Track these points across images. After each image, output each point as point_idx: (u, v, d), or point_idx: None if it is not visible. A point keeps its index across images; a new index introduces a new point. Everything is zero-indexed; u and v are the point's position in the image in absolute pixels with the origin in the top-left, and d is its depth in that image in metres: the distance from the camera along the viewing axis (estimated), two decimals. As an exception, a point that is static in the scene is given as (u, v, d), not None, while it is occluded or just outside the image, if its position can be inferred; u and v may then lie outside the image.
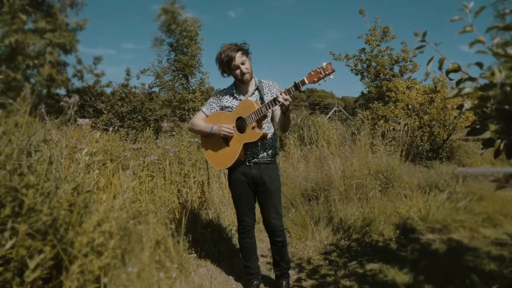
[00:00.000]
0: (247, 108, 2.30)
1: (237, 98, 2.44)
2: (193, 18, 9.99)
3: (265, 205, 2.43)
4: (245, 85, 2.42)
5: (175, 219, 3.39)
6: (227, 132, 2.33)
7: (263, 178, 2.37)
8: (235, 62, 2.29)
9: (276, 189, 2.43)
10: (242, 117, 2.32)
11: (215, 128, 2.39)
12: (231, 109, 2.42)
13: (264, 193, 2.41)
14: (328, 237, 3.43)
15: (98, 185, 3.08)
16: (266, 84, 2.47)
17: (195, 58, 10.05)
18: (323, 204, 3.82)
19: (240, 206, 2.51)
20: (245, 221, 2.52)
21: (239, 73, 2.32)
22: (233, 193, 2.53)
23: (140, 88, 9.32)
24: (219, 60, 2.35)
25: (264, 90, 2.42)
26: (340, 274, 2.73)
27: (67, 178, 2.09)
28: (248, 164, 2.39)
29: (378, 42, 8.87)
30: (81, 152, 2.38)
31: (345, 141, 5.74)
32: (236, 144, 2.36)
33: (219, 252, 3.22)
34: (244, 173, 2.41)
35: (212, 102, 2.55)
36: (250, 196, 2.47)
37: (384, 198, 3.92)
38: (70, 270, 1.87)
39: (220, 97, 2.51)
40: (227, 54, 2.29)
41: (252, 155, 2.39)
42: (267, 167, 2.40)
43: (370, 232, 3.39)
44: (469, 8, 1.34)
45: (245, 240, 2.57)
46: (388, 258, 2.94)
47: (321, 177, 4.15)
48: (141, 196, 3.16)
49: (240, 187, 2.44)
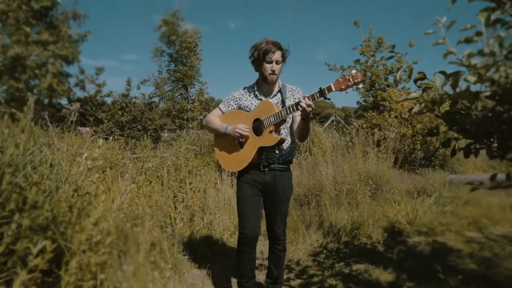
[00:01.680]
0: (266, 109, 2.18)
1: (258, 98, 2.32)
2: (193, 29, 10.27)
3: (272, 213, 2.31)
4: (268, 85, 2.29)
5: (171, 223, 3.52)
6: (242, 134, 2.21)
7: (276, 186, 2.25)
8: (273, 56, 2.17)
9: (286, 198, 2.32)
10: (259, 119, 2.20)
11: (229, 129, 2.26)
12: (249, 109, 2.30)
13: (274, 200, 2.28)
14: (318, 240, 3.54)
15: (97, 191, 3.21)
16: (290, 88, 2.35)
17: (194, 69, 10.28)
18: (315, 208, 3.94)
19: (245, 212, 2.29)
20: (248, 228, 2.26)
21: (270, 69, 2.19)
22: (240, 197, 2.31)
23: (140, 98, 9.52)
24: (257, 48, 2.21)
25: (286, 94, 2.30)
26: (327, 274, 2.84)
27: (68, 180, 2.24)
28: (263, 169, 2.26)
29: (373, 52, 9.08)
30: (81, 156, 2.53)
31: (339, 149, 5.87)
32: (250, 147, 2.24)
33: (212, 254, 3.34)
34: (256, 178, 2.27)
35: (230, 99, 2.40)
36: (259, 203, 2.31)
37: (374, 203, 4.05)
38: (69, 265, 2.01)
39: (239, 95, 2.37)
40: (269, 45, 2.17)
41: (267, 160, 2.26)
42: (282, 174, 2.28)
43: (359, 235, 3.51)
44: (442, 23, 1.50)
45: (245, 253, 2.30)
46: (374, 259, 3.06)
47: (313, 183, 4.28)
48: (138, 200, 3.30)
49: (249, 192, 2.28)
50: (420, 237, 3.45)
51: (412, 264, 2.89)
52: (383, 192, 4.21)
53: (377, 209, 3.91)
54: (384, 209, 3.95)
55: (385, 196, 4.16)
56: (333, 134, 8.01)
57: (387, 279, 2.67)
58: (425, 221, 3.65)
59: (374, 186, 4.22)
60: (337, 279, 2.72)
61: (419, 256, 3.07)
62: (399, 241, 3.42)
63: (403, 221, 3.68)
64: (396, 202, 4.05)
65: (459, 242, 3.27)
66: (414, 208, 3.87)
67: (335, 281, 2.70)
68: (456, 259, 2.88)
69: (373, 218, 3.69)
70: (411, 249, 3.21)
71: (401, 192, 4.28)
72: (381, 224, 3.68)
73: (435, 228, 3.55)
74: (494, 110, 1.44)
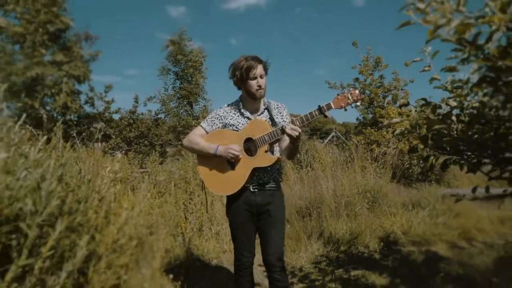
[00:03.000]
0: (259, 128, 2.08)
1: (244, 116, 2.20)
2: (198, 49, 10.72)
3: (265, 237, 2.14)
4: (254, 102, 2.20)
5: (182, 232, 3.78)
6: (236, 154, 2.08)
7: (267, 206, 2.13)
8: (256, 71, 2.09)
9: (280, 220, 2.15)
10: (252, 138, 2.10)
11: (221, 150, 2.11)
12: (235, 128, 2.18)
13: (266, 223, 2.13)
14: (319, 249, 3.79)
15: (117, 201, 3.49)
16: (275, 105, 2.27)
17: (199, 86, 10.69)
18: (316, 220, 4.20)
19: (239, 238, 2.19)
20: (243, 256, 2.18)
21: (255, 84, 2.10)
22: (232, 223, 2.22)
23: (147, 115, 9.87)
24: (237, 66, 2.13)
25: (273, 111, 2.22)
26: (327, 279, 3.09)
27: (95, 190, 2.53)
28: (253, 190, 2.13)
29: (371, 71, 9.44)
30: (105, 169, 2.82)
31: (338, 164, 6.14)
32: (243, 168, 2.10)
33: (220, 261, 3.59)
34: (247, 200, 2.14)
35: (214, 117, 2.26)
36: (251, 226, 2.19)
37: (371, 214, 4.30)
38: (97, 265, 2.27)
39: (224, 114, 2.24)
40: (249, 62, 2.09)
41: (257, 180, 2.14)
42: (273, 194, 2.16)
43: (357, 244, 3.76)
44: (427, 52, 1.79)
45: (242, 279, 2.22)
46: (371, 266, 3.30)
47: (314, 196, 4.55)
48: (152, 210, 3.56)
49: (242, 216, 2.16)
50: (414, 247, 3.69)
51: (406, 270, 3.13)
52: (380, 204, 4.47)
53: (374, 220, 4.16)
54: (380, 221, 4.20)
55: (382, 208, 4.41)
56: (333, 149, 8.30)
57: (382, 283, 2.91)
58: (419, 231, 3.90)
59: (371, 199, 4.48)
60: (336, 283, 2.97)
61: (412, 263, 3.31)
62: (394, 250, 3.66)
63: (398, 231, 3.93)
64: (392, 214, 4.31)
65: (449, 251, 3.51)
66: (409, 219, 4.12)
67: (334, 285, 2.95)
68: (446, 266, 3.12)
69: (370, 229, 3.95)
70: (405, 257, 3.46)
71: (397, 204, 4.53)
72: (378, 234, 3.93)
73: (428, 238, 3.79)
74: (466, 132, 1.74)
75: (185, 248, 3.57)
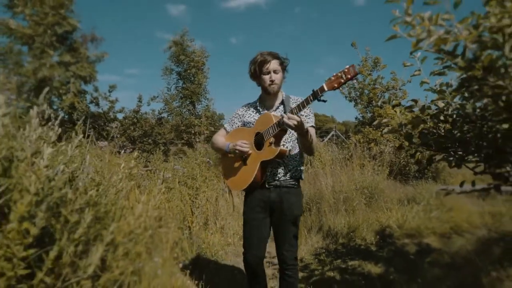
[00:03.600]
0: (265, 122, 2.08)
1: (260, 112, 2.23)
2: (201, 49, 10.93)
3: (279, 235, 2.15)
4: (270, 98, 2.22)
5: (189, 226, 4.00)
6: (241, 150, 2.10)
7: (282, 204, 2.11)
8: (269, 66, 2.11)
9: (294, 217, 2.14)
10: (260, 133, 2.10)
11: (230, 147, 2.18)
12: (252, 125, 2.20)
13: (280, 221, 2.13)
14: (319, 242, 4.01)
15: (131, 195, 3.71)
16: (294, 99, 2.23)
17: (201, 86, 10.90)
18: (315, 214, 4.42)
19: (249, 235, 2.18)
20: (250, 254, 2.15)
21: (268, 79, 2.13)
22: (245, 220, 2.21)
23: (151, 114, 10.08)
24: (253, 61, 2.17)
25: (291, 106, 2.19)
26: (326, 268, 3.30)
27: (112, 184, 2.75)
28: (268, 186, 2.13)
29: (370, 71, 9.65)
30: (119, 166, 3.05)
31: (337, 162, 6.36)
32: (253, 163, 2.11)
33: (225, 253, 3.81)
34: (261, 197, 2.14)
35: (234, 117, 2.33)
36: (264, 225, 2.17)
37: (368, 209, 4.52)
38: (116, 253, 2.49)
39: (243, 112, 2.31)
40: (263, 56, 2.12)
41: (272, 177, 2.13)
42: (289, 191, 2.13)
43: (354, 237, 3.97)
44: (417, 57, 1.99)
45: (250, 275, 2.20)
46: (367, 257, 3.52)
47: (314, 192, 4.77)
48: (161, 205, 3.78)
49: (254, 213, 2.16)
50: (408, 239, 3.91)
51: (399, 260, 3.35)
52: (377, 200, 4.68)
53: (371, 215, 4.37)
54: (377, 215, 4.42)
55: (378, 203, 4.63)
56: (332, 148, 8.51)
57: (377, 272, 3.13)
58: (413, 225, 4.12)
59: (369, 194, 4.70)
60: (334, 272, 3.18)
61: (405, 254, 3.53)
62: (389, 242, 3.88)
63: (393, 225, 4.15)
64: (388, 209, 4.52)
65: (441, 243, 3.73)
66: (404, 214, 4.34)
67: (333, 273, 3.16)
68: (437, 256, 3.34)
69: (367, 223, 4.16)
70: (399, 249, 3.67)
71: (393, 200, 4.75)
72: (374, 228, 4.15)
73: (421, 231, 4.01)
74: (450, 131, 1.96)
75: (192, 241, 3.79)
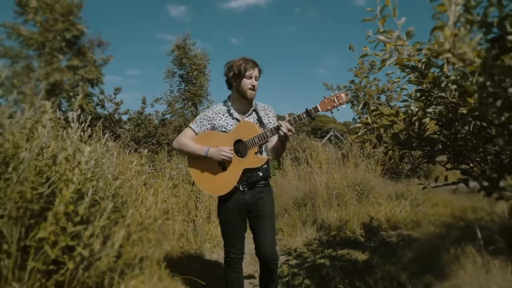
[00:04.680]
0: (248, 130, 2.15)
1: (233, 117, 2.27)
2: (202, 53, 11.30)
3: (257, 232, 2.25)
4: (244, 103, 2.27)
5: (193, 219, 4.35)
6: (228, 156, 2.16)
7: (256, 203, 2.23)
8: (253, 72, 2.19)
9: (269, 214, 2.26)
10: (241, 140, 2.17)
11: (212, 152, 2.19)
12: (225, 129, 2.25)
13: (257, 218, 2.24)
14: (312, 234, 4.36)
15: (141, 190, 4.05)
16: (262, 106, 2.36)
17: (203, 88, 11.27)
18: (310, 209, 4.77)
19: (229, 235, 2.30)
20: (232, 252, 2.28)
21: (250, 84, 2.19)
22: (222, 221, 2.31)
23: (154, 115, 10.44)
24: (235, 64, 2.20)
25: (261, 113, 2.31)
26: (317, 256, 3.65)
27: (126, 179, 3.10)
28: (242, 189, 2.22)
29: (366, 74, 10.00)
30: (131, 163, 3.41)
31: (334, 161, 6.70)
32: (234, 170, 2.18)
33: (227, 244, 4.16)
34: (237, 200, 2.23)
35: (203, 119, 2.32)
36: (241, 224, 2.28)
37: (359, 204, 4.86)
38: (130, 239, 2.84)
39: (213, 115, 2.31)
40: (248, 62, 2.19)
41: (246, 180, 2.22)
42: (262, 190, 2.26)
43: (345, 229, 4.32)
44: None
45: (231, 274, 2.30)
46: (356, 246, 3.87)
47: (309, 189, 5.11)
48: (168, 199, 4.13)
49: (231, 215, 2.26)
50: (394, 231, 4.25)
51: (384, 249, 3.69)
52: (368, 196, 5.03)
53: (361, 209, 4.72)
54: (367, 210, 4.76)
55: (369, 199, 4.97)
56: (329, 148, 8.86)
57: (363, 258, 3.48)
58: (400, 218, 4.45)
59: (360, 191, 5.04)
60: (325, 259, 3.53)
61: (390, 244, 3.87)
62: (376, 233, 4.23)
63: (382, 218, 4.49)
64: (377, 204, 4.87)
65: (423, 234, 4.07)
66: (392, 208, 4.68)
67: (323, 260, 3.51)
68: (418, 245, 3.68)
69: (357, 217, 4.51)
70: (385, 239, 4.02)
71: (382, 196, 5.09)
72: (364, 221, 4.49)
73: (407, 224, 4.34)
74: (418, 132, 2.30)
75: (196, 232, 4.14)
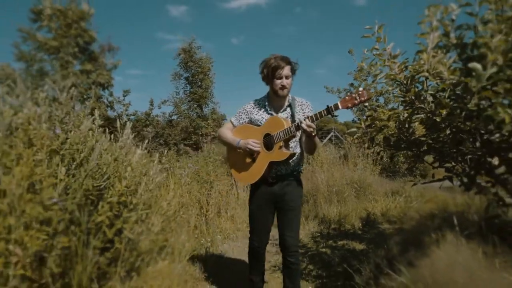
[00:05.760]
0: (275, 125, 2.25)
1: (268, 112, 2.38)
2: (207, 56, 11.69)
3: (282, 223, 2.37)
4: (279, 99, 2.35)
5: (205, 214, 4.75)
6: (253, 149, 2.30)
7: (284, 196, 2.33)
8: (283, 71, 2.22)
9: (295, 207, 2.36)
10: (270, 134, 2.27)
11: (241, 143, 2.34)
12: (260, 123, 2.37)
13: (283, 210, 2.35)
14: (314, 227, 4.75)
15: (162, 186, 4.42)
16: (299, 102, 2.41)
17: (208, 90, 11.67)
18: (312, 205, 5.17)
19: (255, 224, 2.44)
20: (255, 241, 2.44)
21: (280, 84, 2.24)
22: (251, 211, 2.45)
23: (162, 116, 10.84)
24: (266, 64, 2.26)
25: (296, 108, 2.36)
26: (320, 246, 4.05)
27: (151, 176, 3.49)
28: (272, 181, 2.35)
29: (365, 77, 10.37)
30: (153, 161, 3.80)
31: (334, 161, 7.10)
32: (262, 162, 2.32)
33: (236, 236, 4.55)
34: (265, 191, 2.36)
35: (241, 112, 2.47)
36: (268, 215, 2.41)
37: (357, 201, 5.25)
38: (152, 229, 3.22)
39: (251, 109, 2.44)
40: (277, 61, 2.22)
41: (275, 172, 2.34)
42: (290, 184, 2.36)
43: (344, 223, 4.71)
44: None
45: (253, 260, 2.51)
46: (354, 238, 4.26)
47: (311, 186, 5.50)
48: (184, 195, 4.53)
49: (259, 205, 2.39)
50: (389, 224, 4.64)
51: (379, 239, 4.08)
52: (365, 193, 5.42)
53: (359, 205, 5.11)
54: (365, 205, 5.15)
55: (366, 196, 5.37)
56: (330, 148, 9.25)
57: (360, 248, 3.88)
58: (395, 213, 4.85)
59: (358, 188, 5.43)
60: (326, 249, 3.93)
61: (385, 235, 4.26)
62: (373, 226, 4.62)
63: (378, 213, 4.88)
64: (374, 200, 5.26)
65: (411, 224, 4.45)
66: (387, 204, 5.07)
67: (325, 249, 3.90)
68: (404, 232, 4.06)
69: (355, 211, 4.90)
70: (380, 231, 4.41)
71: (379, 193, 5.48)
72: (361, 215, 4.89)
73: (401, 218, 4.73)
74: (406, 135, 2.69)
75: (208, 226, 4.54)
